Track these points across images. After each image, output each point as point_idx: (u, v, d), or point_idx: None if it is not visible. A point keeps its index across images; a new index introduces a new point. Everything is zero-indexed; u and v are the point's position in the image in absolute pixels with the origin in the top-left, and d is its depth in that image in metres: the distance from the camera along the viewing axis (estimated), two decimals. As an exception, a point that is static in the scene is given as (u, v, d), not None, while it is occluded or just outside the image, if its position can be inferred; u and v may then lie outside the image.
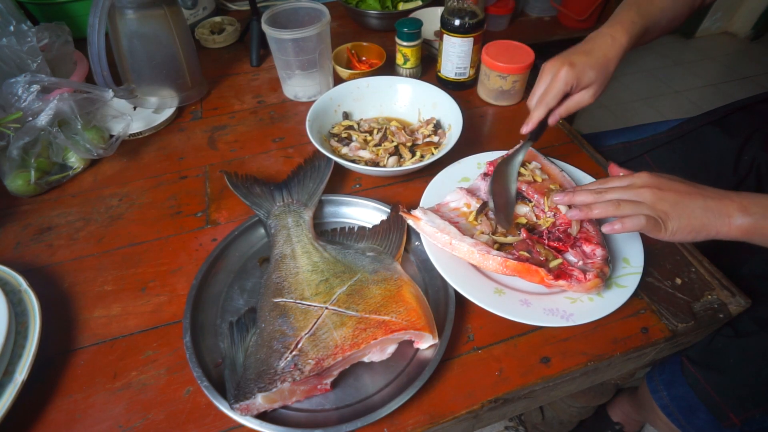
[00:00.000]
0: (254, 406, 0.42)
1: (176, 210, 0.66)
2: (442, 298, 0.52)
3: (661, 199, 0.48)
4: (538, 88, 0.62)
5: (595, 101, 0.61)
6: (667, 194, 0.48)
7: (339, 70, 0.86)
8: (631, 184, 0.51)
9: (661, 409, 0.72)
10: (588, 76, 0.59)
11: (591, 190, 0.52)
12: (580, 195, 0.52)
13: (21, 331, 0.49)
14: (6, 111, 0.65)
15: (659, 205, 0.48)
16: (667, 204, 0.48)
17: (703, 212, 0.47)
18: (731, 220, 0.47)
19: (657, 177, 0.50)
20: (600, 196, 0.51)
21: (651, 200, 0.48)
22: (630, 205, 0.49)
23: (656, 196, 0.48)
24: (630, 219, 0.48)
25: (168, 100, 0.80)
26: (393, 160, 0.68)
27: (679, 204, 0.48)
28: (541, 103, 0.61)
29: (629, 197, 0.49)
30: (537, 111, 0.61)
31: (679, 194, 0.48)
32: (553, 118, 0.62)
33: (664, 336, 0.51)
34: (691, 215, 0.47)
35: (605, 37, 0.61)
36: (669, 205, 0.48)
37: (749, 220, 0.46)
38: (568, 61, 0.59)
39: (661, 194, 0.48)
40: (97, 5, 0.67)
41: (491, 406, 0.47)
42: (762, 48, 2.40)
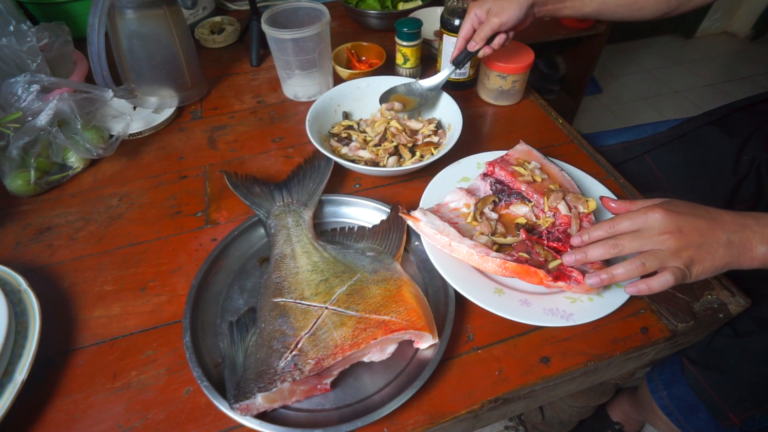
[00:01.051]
0: (254, 406, 0.42)
1: (176, 210, 0.66)
2: (442, 297, 0.52)
3: (686, 245, 0.45)
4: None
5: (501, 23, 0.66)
6: (690, 237, 0.45)
7: (339, 70, 0.86)
8: (647, 228, 0.46)
9: (661, 408, 0.72)
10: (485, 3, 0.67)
11: (603, 243, 0.48)
12: (593, 250, 0.48)
13: (21, 331, 0.48)
14: (6, 111, 0.65)
15: (684, 253, 0.45)
16: (692, 249, 0.45)
17: (727, 250, 0.45)
18: (754, 254, 0.45)
19: (673, 216, 0.46)
20: (615, 247, 0.47)
21: (675, 248, 0.45)
22: (653, 260, 0.45)
23: (680, 243, 0.45)
24: (656, 279, 0.45)
25: (168, 100, 0.80)
26: (393, 160, 0.68)
27: (703, 246, 0.45)
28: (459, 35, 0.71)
29: (650, 246, 0.46)
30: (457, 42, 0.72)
31: (701, 234, 0.45)
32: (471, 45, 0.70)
33: (664, 336, 0.51)
34: (714, 255, 0.45)
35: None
36: (693, 250, 0.45)
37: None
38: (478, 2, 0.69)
39: (685, 240, 0.45)
40: (96, 5, 0.67)
41: (491, 406, 0.47)
42: (762, 48, 2.40)
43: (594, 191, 0.63)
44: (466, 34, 0.70)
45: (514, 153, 0.65)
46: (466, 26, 0.70)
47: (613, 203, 0.53)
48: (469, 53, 0.70)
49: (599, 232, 0.49)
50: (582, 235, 0.50)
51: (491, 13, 0.66)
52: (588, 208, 0.57)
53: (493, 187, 0.62)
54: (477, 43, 0.69)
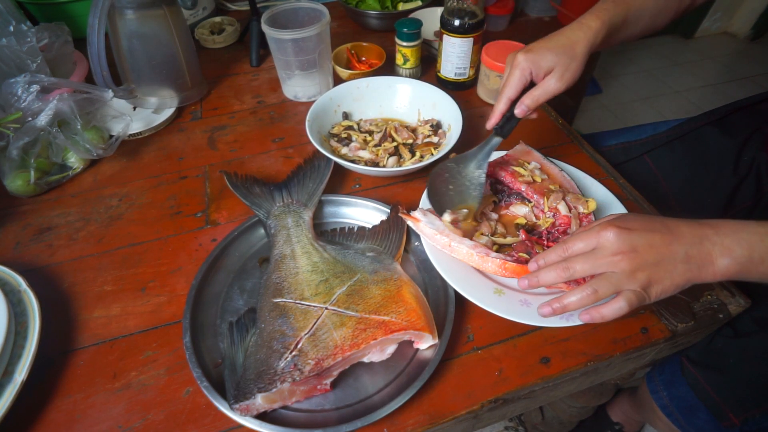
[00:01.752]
0: (254, 407, 0.42)
1: (176, 210, 0.66)
2: (442, 298, 0.52)
3: (641, 265, 0.42)
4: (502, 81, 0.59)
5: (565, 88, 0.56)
6: (645, 256, 0.42)
7: (339, 70, 0.86)
8: (599, 248, 0.44)
9: (661, 409, 0.72)
10: (546, 59, 0.55)
11: (555, 265, 0.46)
12: (545, 274, 0.46)
13: (21, 332, 0.48)
14: (6, 111, 0.65)
15: (639, 274, 0.42)
16: (647, 269, 0.42)
17: (685, 265, 0.42)
18: (715, 267, 0.42)
19: (626, 234, 0.43)
20: (566, 271, 0.45)
21: (629, 269, 0.42)
22: (607, 285, 0.43)
23: (634, 264, 0.42)
24: (609, 307, 0.43)
25: (168, 100, 0.80)
26: (393, 160, 0.68)
27: (659, 264, 0.42)
28: (501, 94, 0.57)
29: (603, 269, 0.43)
30: (498, 104, 0.57)
31: (657, 251, 0.42)
32: (519, 108, 0.56)
33: (664, 336, 0.51)
34: (673, 272, 0.42)
35: (572, 24, 0.57)
36: (649, 270, 0.42)
37: (735, 264, 0.42)
38: (525, 48, 0.56)
39: (639, 259, 0.42)
40: (96, 5, 0.67)
41: (491, 407, 0.47)
42: (762, 48, 2.40)
43: (594, 191, 0.63)
44: (514, 94, 0.56)
45: (514, 153, 0.65)
46: (515, 84, 0.56)
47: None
48: (515, 118, 0.57)
49: (552, 256, 0.47)
50: (538, 259, 0.48)
51: (554, 74, 0.55)
52: (588, 208, 0.57)
53: (492, 187, 0.62)
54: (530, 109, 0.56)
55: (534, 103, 0.56)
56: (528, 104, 0.56)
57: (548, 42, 0.56)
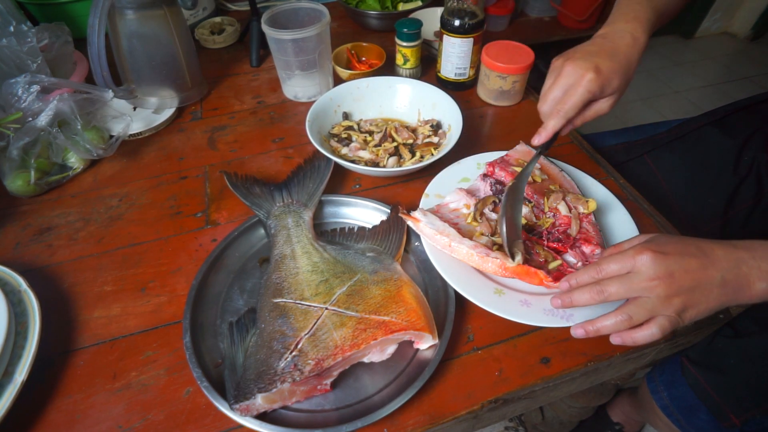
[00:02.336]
0: (254, 407, 0.42)
1: (176, 210, 0.66)
2: (442, 298, 0.52)
3: (677, 291, 0.41)
4: (552, 91, 0.55)
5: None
6: (681, 282, 0.41)
7: (339, 70, 0.86)
8: (635, 272, 0.43)
9: (661, 409, 0.72)
10: (613, 84, 0.53)
11: (588, 287, 0.45)
12: (579, 295, 0.45)
13: (21, 332, 0.48)
14: (6, 111, 0.65)
15: (675, 300, 0.41)
16: (683, 294, 0.41)
17: (721, 290, 0.41)
18: (752, 291, 0.41)
19: (662, 258, 0.42)
20: (600, 294, 0.44)
21: (665, 295, 0.41)
22: (642, 311, 0.42)
23: (671, 290, 0.41)
24: (641, 332, 0.43)
25: (168, 101, 0.80)
26: (393, 160, 0.68)
27: (696, 290, 0.41)
28: (558, 112, 0.54)
29: (638, 293, 0.43)
30: (553, 120, 0.54)
31: (693, 277, 0.41)
32: (568, 128, 0.54)
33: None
34: (708, 297, 0.42)
35: (626, 36, 0.54)
36: (685, 295, 0.41)
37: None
38: (594, 65, 0.52)
39: (676, 285, 0.41)
40: (97, 6, 0.67)
41: (491, 407, 0.47)
42: (762, 48, 2.40)
43: (594, 192, 0.63)
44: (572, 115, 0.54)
45: (514, 153, 0.65)
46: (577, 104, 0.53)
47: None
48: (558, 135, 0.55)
49: (585, 277, 0.46)
50: (570, 279, 0.47)
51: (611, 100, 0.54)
52: (588, 208, 0.57)
53: (493, 187, 0.62)
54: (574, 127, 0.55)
55: (582, 123, 0.54)
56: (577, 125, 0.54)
57: (612, 62, 0.53)
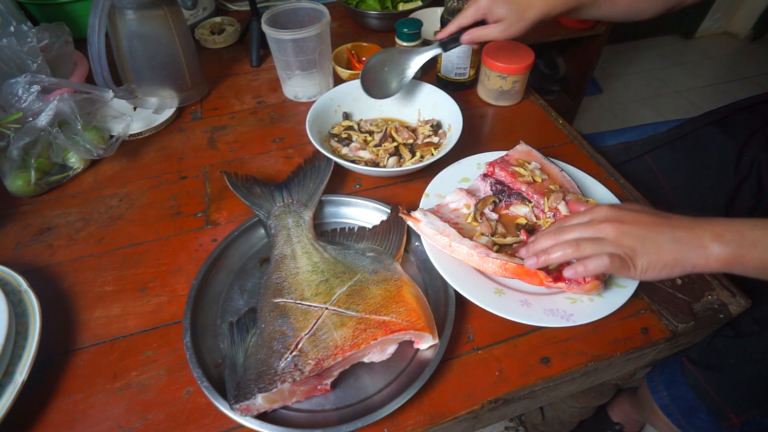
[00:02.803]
0: (254, 407, 0.42)
1: (176, 210, 0.66)
2: (442, 298, 0.52)
3: (625, 233, 0.45)
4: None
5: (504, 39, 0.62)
6: (630, 228, 0.45)
7: (339, 70, 0.86)
8: (591, 219, 0.47)
9: (662, 409, 0.72)
10: (501, 9, 0.61)
11: (550, 233, 0.49)
12: (539, 242, 0.49)
13: (21, 332, 0.49)
14: (6, 111, 0.65)
15: (624, 240, 0.45)
16: (632, 239, 0.45)
17: (674, 244, 0.44)
18: (706, 251, 0.43)
19: (618, 209, 0.47)
20: (559, 237, 0.48)
21: (614, 236, 0.45)
22: (591, 244, 0.45)
23: (619, 231, 0.45)
24: (592, 260, 0.45)
25: (168, 101, 0.80)
26: (393, 160, 0.68)
27: (645, 238, 0.44)
28: (456, 18, 0.66)
29: (590, 234, 0.46)
30: (451, 25, 0.66)
31: (643, 226, 0.45)
32: (464, 37, 0.65)
33: (664, 336, 0.51)
34: (660, 249, 0.44)
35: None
36: (634, 240, 0.45)
37: (726, 249, 0.42)
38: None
39: (625, 228, 0.45)
40: (97, 6, 0.67)
41: (491, 407, 0.47)
42: (762, 48, 2.40)
43: (594, 192, 0.63)
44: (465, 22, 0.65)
45: (514, 153, 0.65)
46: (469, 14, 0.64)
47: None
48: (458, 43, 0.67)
49: (549, 228, 0.51)
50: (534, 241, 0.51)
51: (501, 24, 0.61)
52: (588, 208, 0.57)
53: (493, 187, 0.62)
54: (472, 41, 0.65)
55: (476, 38, 0.64)
56: (472, 37, 0.65)
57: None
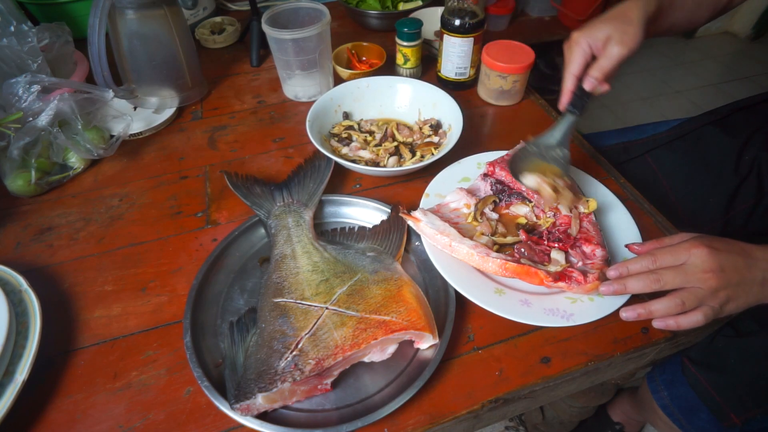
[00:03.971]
0: (254, 406, 0.42)
1: (176, 210, 0.66)
2: (443, 298, 0.52)
3: (725, 285, 0.45)
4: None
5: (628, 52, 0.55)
6: (730, 277, 0.45)
7: (339, 70, 0.86)
8: (689, 264, 0.46)
9: (662, 409, 0.72)
10: (600, 29, 0.55)
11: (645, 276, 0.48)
12: (633, 283, 0.48)
13: (21, 331, 0.49)
14: (6, 111, 0.65)
15: (722, 293, 0.46)
16: (730, 289, 0.46)
17: (761, 288, 0.46)
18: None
19: (715, 254, 0.46)
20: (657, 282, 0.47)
21: (715, 287, 0.45)
22: (693, 299, 0.46)
23: (720, 283, 0.45)
24: (687, 318, 0.46)
25: (168, 101, 0.80)
26: (393, 160, 0.68)
27: (740, 285, 0.46)
28: (566, 73, 0.58)
29: (692, 284, 0.46)
30: (565, 83, 0.58)
31: (739, 273, 0.46)
32: (587, 83, 0.56)
33: (665, 336, 0.51)
34: (749, 293, 0.46)
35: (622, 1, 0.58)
36: (731, 290, 0.46)
37: None
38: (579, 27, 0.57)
39: (725, 280, 0.45)
40: (97, 5, 0.67)
41: (491, 406, 0.47)
42: (762, 48, 2.40)
43: (594, 191, 0.63)
44: (577, 70, 0.57)
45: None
46: (576, 60, 0.56)
47: (638, 247, 0.52)
48: (587, 93, 0.57)
49: (638, 266, 0.49)
50: (620, 268, 0.50)
51: (613, 41, 0.54)
52: (588, 208, 0.57)
53: (493, 187, 0.62)
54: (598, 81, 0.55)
55: (600, 72, 0.55)
56: (595, 75, 0.55)
57: (601, 16, 0.57)
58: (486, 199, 0.59)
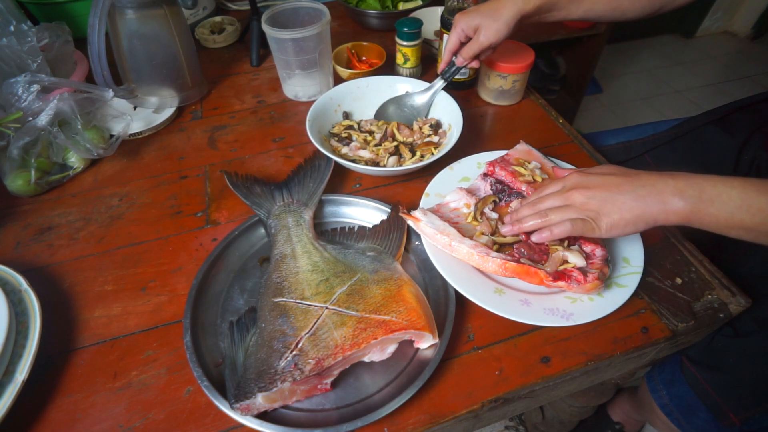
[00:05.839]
0: (254, 406, 0.43)
1: (176, 210, 0.66)
2: (442, 297, 0.52)
3: (590, 198, 0.48)
4: None
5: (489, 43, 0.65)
6: (595, 192, 0.48)
7: (339, 69, 0.86)
8: (563, 187, 0.52)
9: (661, 408, 0.72)
10: (473, 18, 0.66)
11: (529, 203, 0.54)
12: (518, 211, 0.54)
13: (21, 331, 0.49)
14: (6, 111, 0.65)
15: (588, 205, 0.48)
16: (595, 202, 0.48)
17: (635, 202, 0.46)
18: (666, 206, 0.45)
19: (586, 175, 0.50)
20: (534, 208, 0.52)
21: (579, 201, 0.49)
22: (557, 212, 0.50)
23: (584, 196, 0.49)
24: (557, 226, 0.49)
25: (168, 100, 0.80)
26: (393, 160, 0.68)
27: (608, 200, 0.48)
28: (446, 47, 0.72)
29: (560, 203, 0.51)
30: (445, 55, 0.72)
31: (607, 189, 0.48)
32: (458, 60, 0.70)
33: (664, 336, 0.51)
34: (622, 208, 0.47)
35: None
36: (598, 203, 0.48)
37: (685, 204, 0.45)
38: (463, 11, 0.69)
39: (589, 193, 0.49)
40: (97, 5, 0.67)
41: (491, 406, 0.47)
42: (762, 47, 2.40)
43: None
44: (452, 47, 0.70)
45: (514, 153, 0.65)
46: (452, 39, 0.69)
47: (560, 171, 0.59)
48: (457, 68, 0.71)
49: (529, 199, 0.55)
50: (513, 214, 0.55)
51: (480, 31, 0.65)
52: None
53: (493, 186, 0.62)
54: (465, 60, 0.69)
55: (467, 53, 0.68)
56: (463, 55, 0.69)
57: (481, 5, 0.67)
58: (486, 199, 0.59)
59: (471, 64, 0.70)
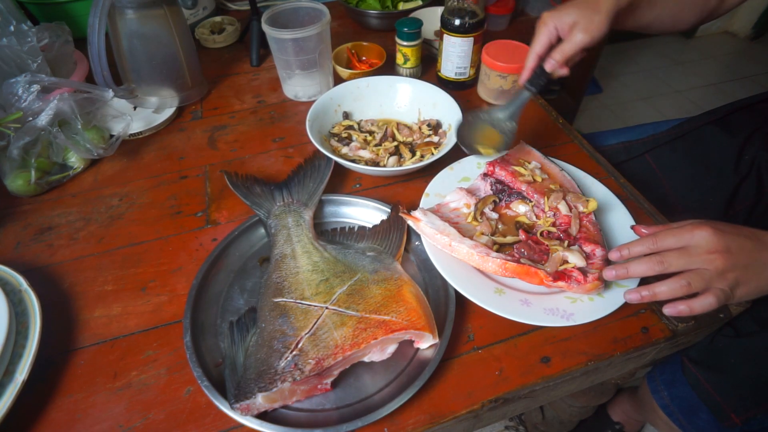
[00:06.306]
0: (254, 406, 0.42)
1: (176, 210, 0.66)
2: (442, 297, 0.52)
3: (733, 266, 0.44)
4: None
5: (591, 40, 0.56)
6: (737, 258, 0.44)
7: (339, 70, 0.86)
8: (693, 245, 0.45)
9: (662, 408, 0.72)
10: (569, 14, 0.57)
11: (648, 258, 0.47)
12: (635, 266, 0.47)
13: (21, 331, 0.49)
14: (6, 111, 0.65)
15: (730, 274, 0.44)
16: (738, 270, 0.44)
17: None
18: None
19: (721, 235, 0.44)
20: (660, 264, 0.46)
21: (722, 268, 0.44)
22: (699, 281, 0.44)
23: (727, 264, 0.44)
24: (699, 302, 0.45)
25: (168, 100, 0.80)
26: (393, 159, 0.68)
27: (749, 268, 0.44)
28: (530, 51, 0.60)
29: (696, 265, 0.45)
30: (527, 60, 0.60)
31: (748, 255, 0.44)
32: (549, 64, 0.58)
33: (665, 336, 0.51)
34: (759, 277, 0.44)
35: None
36: (740, 271, 0.44)
37: None
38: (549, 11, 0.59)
39: (733, 260, 0.44)
40: (97, 5, 0.67)
41: (491, 406, 0.47)
42: (762, 47, 2.40)
43: (594, 191, 0.63)
44: (540, 49, 0.59)
45: (514, 153, 0.65)
46: (541, 40, 0.58)
47: (645, 229, 0.51)
48: (546, 74, 0.59)
49: (640, 248, 0.48)
50: (621, 249, 0.49)
51: (578, 27, 0.55)
52: (588, 207, 0.57)
53: (493, 187, 0.62)
54: (558, 63, 0.57)
55: (561, 56, 0.57)
56: (556, 58, 0.57)
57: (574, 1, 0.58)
58: (486, 199, 0.59)
59: (561, 71, 0.58)
